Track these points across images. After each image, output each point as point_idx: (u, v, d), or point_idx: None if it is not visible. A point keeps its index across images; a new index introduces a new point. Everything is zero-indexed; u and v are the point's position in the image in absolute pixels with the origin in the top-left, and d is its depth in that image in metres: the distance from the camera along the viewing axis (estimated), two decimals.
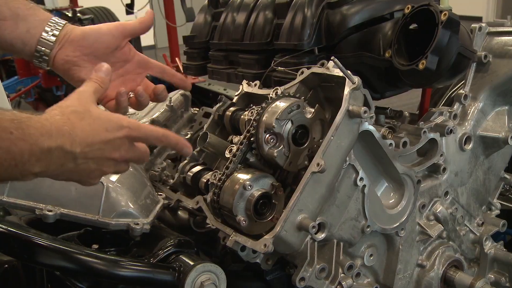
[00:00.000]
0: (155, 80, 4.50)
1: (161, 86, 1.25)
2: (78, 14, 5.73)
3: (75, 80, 1.16)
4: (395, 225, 1.40)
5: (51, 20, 1.13)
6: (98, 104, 1.03)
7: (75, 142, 0.90)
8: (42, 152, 0.86)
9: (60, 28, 1.13)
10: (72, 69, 1.15)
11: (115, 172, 1.03)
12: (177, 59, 4.72)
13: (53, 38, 1.12)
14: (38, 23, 1.12)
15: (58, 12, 6.06)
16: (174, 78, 1.29)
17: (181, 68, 4.17)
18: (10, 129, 0.83)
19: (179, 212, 1.68)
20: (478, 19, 11.33)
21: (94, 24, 5.59)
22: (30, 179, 0.90)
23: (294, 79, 1.41)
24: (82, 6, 7.04)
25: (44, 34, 1.12)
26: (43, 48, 1.12)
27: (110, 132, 0.95)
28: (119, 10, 6.39)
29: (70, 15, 5.78)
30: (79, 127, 0.91)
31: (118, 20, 6.77)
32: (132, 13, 5.88)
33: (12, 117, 0.85)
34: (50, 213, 1.30)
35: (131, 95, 1.21)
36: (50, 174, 0.92)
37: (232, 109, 1.49)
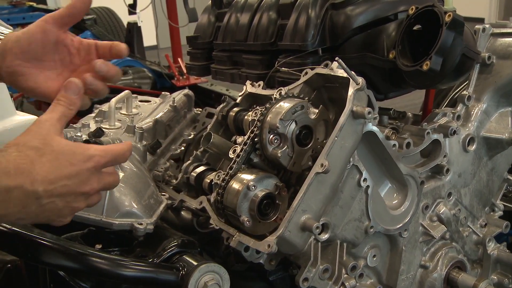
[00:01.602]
0: (158, 81, 4.47)
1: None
2: None
3: (26, 91, 1.07)
4: (398, 226, 1.40)
5: None
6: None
7: (36, 180, 0.83)
8: None
9: (1, 38, 1.05)
10: (18, 80, 1.05)
11: (87, 206, 0.96)
12: (179, 59, 4.73)
13: None
14: None
15: None
16: (116, 47, 1.12)
17: (184, 68, 4.19)
18: None
19: (182, 212, 1.68)
20: (481, 20, 11.33)
21: (96, 24, 5.61)
22: None
23: (298, 79, 1.41)
24: None
25: None
26: None
27: (76, 165, 0.87)
28: (121, 10, 6.39)
29: None
30: (38, 164, 0.84)
31: (120, 21, 6.80)
32: (134, 13, 5.88)
33: None
34: None
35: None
36: (11, 218, 0.85)
37: (235, 109, 1.49)
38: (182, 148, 1.93)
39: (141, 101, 2.18)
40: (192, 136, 1.94)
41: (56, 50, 1.08)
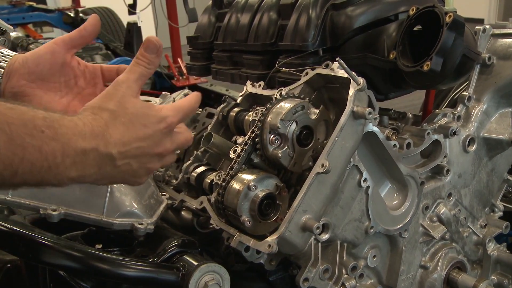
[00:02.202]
0: (158, 82, 4.47)
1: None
2: (80, 14, 5.73)
3: None
4: (398, 226, 1.40)
5: None
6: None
7: (109, 143, 0.85)
8: (76, 153, 0.82)
9: (7, 60, 1.05)
10: (23, 100, 1.04)
11: (163, 166, 0.99)
12: (179, 59, 4.73)
13: (1, 71, 1.04)
14: None
15: (60, 12, 6.08)
16: (123, 70, 1.13)
17: (183, 68, 4.18)
18: (41, 127, 0.78)
19: (182, 213, 1.68)
20: (480, 21, 11.33)
21: None
22: (66, 184, 0.84)
23: (298, 80, 1.41)
24: (84, 6, 7.06)
25: None
26: None
27: (149, 127, 0.90)
28: (121, 10, 6.40)
29: (72, 15, 5.79)
30: (112, 126, 0.87)
31: (120, 21, 6.80)
32: (134, 13, 5.89)
33: (45, 115, 0.80)
34: (54, 213, 1.30)
35: None
36: (89, 179, 0.87)
37: (236, 109, 1.49)
38: None
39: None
40: (192, 136, 1.94)
41: (62, 72, 1.10)
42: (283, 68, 1.52)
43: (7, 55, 1.06)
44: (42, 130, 0.78)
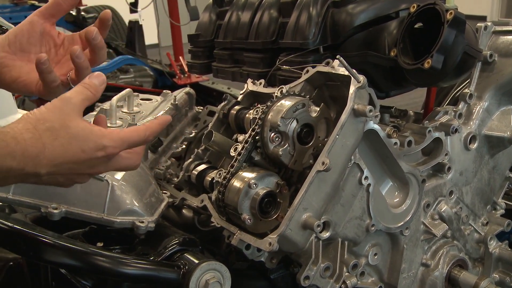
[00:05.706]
0: (159, 80, 4.46)
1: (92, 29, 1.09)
2: (82, 13, 5.73)
3: (8, 82, 1.09)
4: (399, 224, 1.40)
5: None
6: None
7: (40, 164, 0.85)
8: (1, 170, 0.82)
9: None
10: (2, 72, 1.08)
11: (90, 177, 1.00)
12: (180, 57, 4.73)
13: None
14: None
15: None
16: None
17: (185, 66, 4.18)
18: None
19: (183, 211, 1.69)
20: (483, 19, 11.30)
21: None
22: None
23: (299, 78, 1.41)
24: (86, 5, 7.05)
25: None
26: None
27: (86, 153, 0.89)
28: (123, 8, 6.39)
29: (74, 13, 5.79)
30: (49, 147, 0.86)
31: (122, 19, 6.80)
32: (136, 11, 5.88)
33: None
34: (55, 211, 1.31)
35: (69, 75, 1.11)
36: (8, 185, 0.89)
37: (237, 107, 1.49)
38: (184, 146, 1.93)
39: (142, 99, 2.18)
40: (193, 134, 1.95)
41: (42, 42, 1.12)
42: (284, 66, 1.52)
43: None
44: None
